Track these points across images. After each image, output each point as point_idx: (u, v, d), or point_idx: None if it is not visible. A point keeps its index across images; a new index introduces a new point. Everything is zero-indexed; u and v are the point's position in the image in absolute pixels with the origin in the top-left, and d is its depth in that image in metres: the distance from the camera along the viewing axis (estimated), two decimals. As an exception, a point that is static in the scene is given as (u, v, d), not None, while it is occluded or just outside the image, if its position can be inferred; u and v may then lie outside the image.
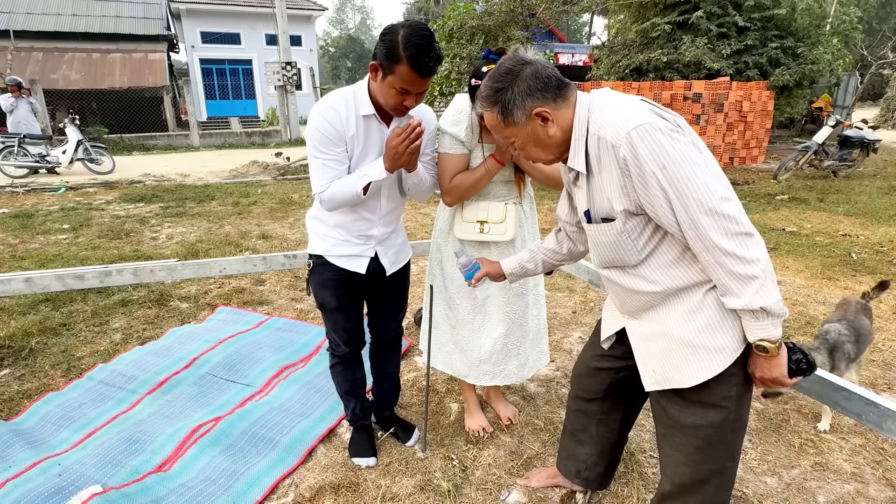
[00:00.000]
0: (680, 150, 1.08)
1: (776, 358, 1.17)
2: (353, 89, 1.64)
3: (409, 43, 1.43)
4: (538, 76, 1.19)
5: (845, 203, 6.33)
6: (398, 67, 1.46)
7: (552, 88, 1.20)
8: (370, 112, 1.61)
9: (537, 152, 1.29)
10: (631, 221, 1.20)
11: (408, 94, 1.52)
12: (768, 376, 1.20)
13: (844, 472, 1.97)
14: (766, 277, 1.10)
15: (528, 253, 1.65)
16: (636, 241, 1.23)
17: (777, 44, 10.44)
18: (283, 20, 14.20)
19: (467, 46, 8.01)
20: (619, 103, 1.18)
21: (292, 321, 3.24)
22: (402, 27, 1.46)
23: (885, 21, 21.96)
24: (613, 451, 1.74)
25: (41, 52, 16.58)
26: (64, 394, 2.44)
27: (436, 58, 1.48)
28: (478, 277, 1.67)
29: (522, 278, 1.74)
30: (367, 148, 1.67)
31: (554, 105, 1.20)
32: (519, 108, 1.20)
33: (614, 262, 1.31)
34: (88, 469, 1.93)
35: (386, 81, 1.51)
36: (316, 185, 1.66)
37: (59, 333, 3.08)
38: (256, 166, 10.22)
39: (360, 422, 2.09)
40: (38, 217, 6.04)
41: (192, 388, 2.48)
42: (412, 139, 1.55)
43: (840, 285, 3.78)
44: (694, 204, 1.08)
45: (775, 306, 1.10)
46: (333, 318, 1.89)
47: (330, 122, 1.58)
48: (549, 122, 1.21)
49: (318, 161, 1.63)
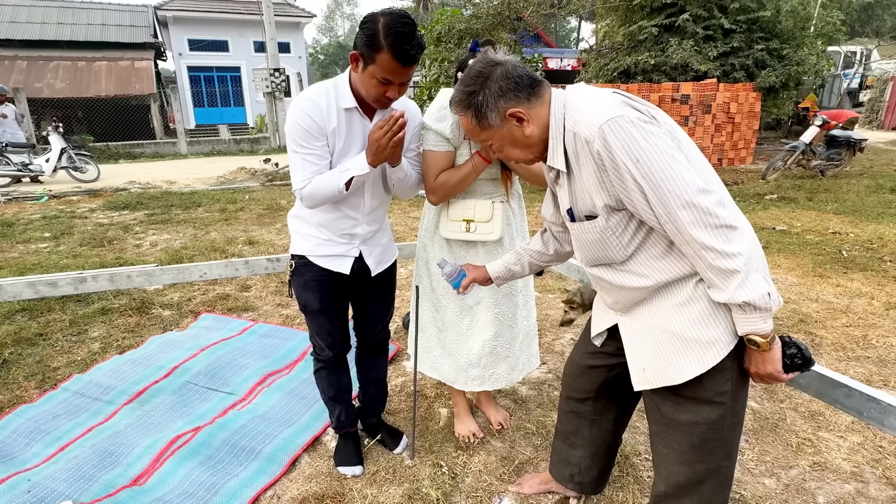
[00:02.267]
0: (653, 143, 1.05)
1: (769, 352, 1.13)
2: (333, 82, 1.58)
3: (390, 31, 1.38)
4: (509, 76, 1.17)
5: (834, 201, 6.35)
6: (379, 56, 1.41)
7: (524, 88, 1.18)
8: (352, 105, 1.56)
9: (516, 153, 1.27)
10: (613, 217, 1.17)
11: (390, 85, 1.47)
12: (762, 372, 1.16)
13: (844, 472, 1.93)
14: (750, 272, 1.05)
15: (514, 255, 1.61)
16: (620, 237, 1.19)
17: (763, 46, 10.55)
18: (271, 27, 14.12)
19: (455, 50, 8.01)
20: (593, 97, 1.15)
21: (277, 327, 3.16)
22: (383, 15, 1.41)
23: (867, 24, 22.34)
24: (608, 454, 1.69)
25: (25, 60, 16.40)
26: (37, 406, 2.35)
27: (417, 46, 1.43)
28: (465, 285, 1.63)
29: (510, 281, 1.70)
30: (349, 142, 1.61)
31: (528, 104, 1.19)
32: (492, 111, 1.18)
33: (601, 259, 1.27)
34: (60, 484, 1.83)
35: (367, 71, 1.46)
36: (296, 181, 1.59)
37: (34, 343, 2.98)
38: (244, 172, 10.12)
39: (346, 429, 2.02)
40: (19, 226, 5.91)
41: (172, 398, 2.38)
42: (395, 131, 1.50)
43: (832, 282, 3.77)
44: (670, 197, 1.05)
45: (760, 300, 1.05)
46: (317, 320, 1.82)
47: (310, 114, 1.52)
48: (525, 121, 1.20)
49: (299, 156, 1.57)
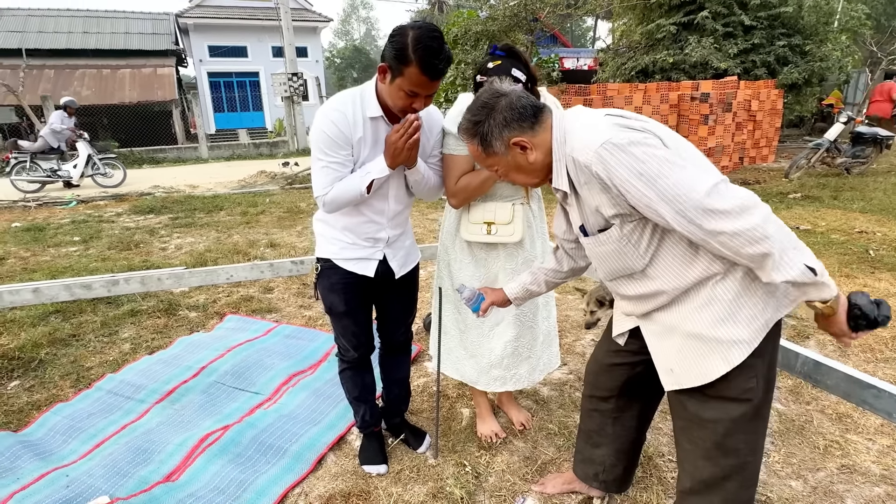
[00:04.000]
0: (652, 154, 1.08)
1: (833, 316, 1.14)
2: (360, 91, 1.62)
3: (419, 45, 1.41)
4: (513, 107, 1.23)
5: (860, 200, 6.21)
6: (407, 70, 1.44)
7: (528, 118, 1.23)
8: (378, 114, 1.59)
9: (521, 178, 1.33)
10: (627, 225, 1.20)
11: (416, 97, 1.51)
12: (830, 331, 1.18)
13: (873, 475, 1.90)
14: (786, 249, 1.05)
15: (529, 275, 1.64)
16: (637, 245, 1.22)
17: (784, 42, 10.36)
18: (289, 32, 14.32)
19: (472, 52, 8.02)
20: (587, 121, 1.20)
21: (301, 328, 3.22)
22: (412, 28, 1.44)
23: (893, 17, 21.74)
24: (632, 451, 1.69)
25: (53, 69, 16.89)
26: (72, 404, 2.43)
27: (445, 60, 1.46)
28: (484, 308, 1.67)
29: (529, 300, 1.73)
30: (374, 150, 1.64)
31: (532, 133, 1.24)
32: (497, 139, 1.24)
33: (620, 271, 1.29)
34: (96, 480, 1.90)
35: (395, 84, 1.49)
36: (318, 188, 1.63)
37: (68, 344, 3.08)
38: (264, 176, 10.27)
39: (370, 428, 2.05)
40: (50, 230, 6.09)
41: (201, 397, 2.45)
42: (410, 133, 1.54)
43: (859, 282, 3.69)
44: (682, 202, 1.07)
45: (800, 276, 1.06)
46: (342, 322, 1.86)
47: (337, 124, 1.56)
48: (529, 149, 1.24)
49: (322, 163, 1.60)
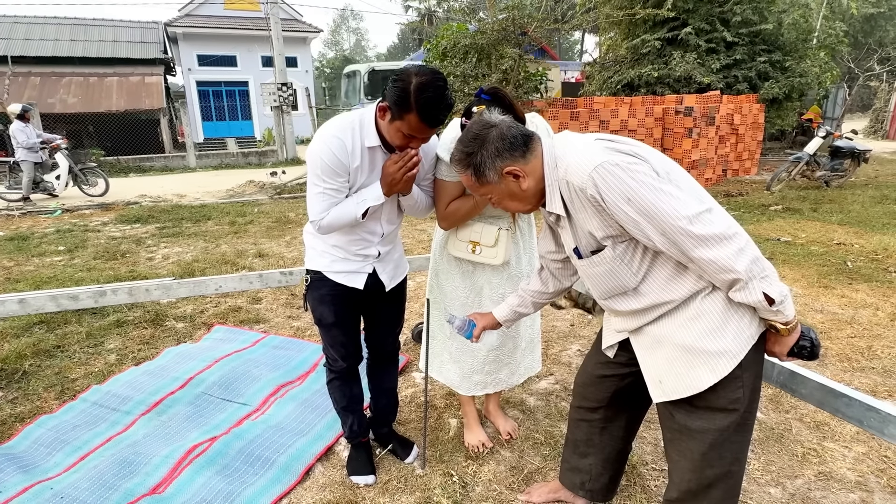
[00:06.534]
0: (640, 181, 1.14)
1: (785, 337, 1.24)
2: (359, 118, 1.61)
3: (422, 95, 1.41)
4: (504, 137, 1.27)
5: (839, 212, 6.37)
6: (408, 116, 1.45)
7: (519, 147, 1.28)
8: (376, 144, 1.60)
9: (514, 205, 1.37)
10: (619, 246, 1.25)
11: (414, 139, 1.53)
12: (770, 349, 1.30)
13: (849, 481, 1.95)
14: (750, 280, 1.14)
15: (517, 297, 1.68)
16: (630, 264, 1.27)
17: (765, 58, 10.62)
18: (279, 42, 14.36)
19: (461, 65, 8.07)
20: (579, 145, 1.25)
21: (289, 339, 3.22)
22: (416, 75, 1.43)
23: (870, 35, 22.38)
24: (618, 461, 1.73)
25: (38, 76, 16.71)
26: (57, 416, 2.41)
27: (446, 109, 1.46)
28: (477, 334, 1.72)
29: (519, 320, 1.78)
30: (371, 176, 1.66)
31: (524, 161, 1.28)
32: (490, 169, 1.28)
33: (614, 290, 1.34)
34: (81, 493, 1.89)
35: (394, 125, 1.50)
36: (313, 213, 1.64)
37: (52, 355, 3.05)
38: (253, 186, 10.23)
39: (358, 438, 2.06)
40: (34, 239, 6.02)
41: (188, 408, 2.44)
42: (409, 167, 1.57)
43: (837, 293, 3.79)
44: (667, 227, 1.14)
45: (756, 304, 1.16)
46: (331, 333, 1.88)
47: (335, 152, 1.56)
48: (521, 177, 1.28)
49: (318, 189, 1.61)
